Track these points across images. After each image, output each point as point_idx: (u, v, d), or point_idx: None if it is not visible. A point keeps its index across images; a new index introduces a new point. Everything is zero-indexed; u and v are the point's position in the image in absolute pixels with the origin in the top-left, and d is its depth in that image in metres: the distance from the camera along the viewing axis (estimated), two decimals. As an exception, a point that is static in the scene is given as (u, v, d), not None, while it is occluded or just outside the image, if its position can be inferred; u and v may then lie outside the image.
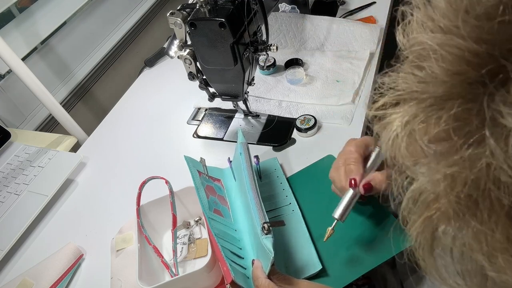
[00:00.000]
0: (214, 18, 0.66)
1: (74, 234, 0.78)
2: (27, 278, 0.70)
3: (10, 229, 0.78)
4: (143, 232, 0.65)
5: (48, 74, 1.22)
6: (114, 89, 1.38)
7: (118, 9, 1.43)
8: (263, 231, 0.54)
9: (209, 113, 0.94)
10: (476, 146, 0.21)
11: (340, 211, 0.56)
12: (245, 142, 0.70)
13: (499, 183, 0.20)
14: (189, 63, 0.75)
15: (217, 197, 0.67)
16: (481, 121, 0.21)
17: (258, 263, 0.54)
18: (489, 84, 0.20)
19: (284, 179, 0.73)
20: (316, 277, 0.59)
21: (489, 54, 0.20)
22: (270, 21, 1.01)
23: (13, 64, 0.91)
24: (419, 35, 0.24)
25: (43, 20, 1.19)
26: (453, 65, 0.22)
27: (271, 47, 0.74)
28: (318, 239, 0.62)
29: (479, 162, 0.21)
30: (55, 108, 1.01)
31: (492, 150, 0.20)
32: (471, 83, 0.21)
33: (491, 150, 0.20)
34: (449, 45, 0.22)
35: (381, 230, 0.61)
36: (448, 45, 0.22)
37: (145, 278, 0.59)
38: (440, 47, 0.22)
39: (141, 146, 0.93)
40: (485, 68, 0.20)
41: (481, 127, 0.21)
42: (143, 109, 1.03)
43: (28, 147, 0.96)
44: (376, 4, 1.09)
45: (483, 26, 0.20)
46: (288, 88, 0.93)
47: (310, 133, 0.81)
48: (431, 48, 0.22)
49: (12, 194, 0.85)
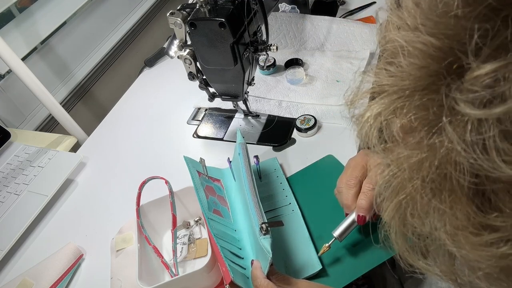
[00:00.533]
0: (214, 18, 0.66)
1: (74, 234, 0.78)
2: (27, 278, 0.70)
3: (10, 229, 0.78)
4: (143, 232, 0.65)
5: (48, 74, 1.22)
6: (114, 89, 1.38)
7: (118, 9, 1.43)
8: (261, 231, 0.54)
9: (209, 113, 0.94)
10: (438, 134, 0.23)
11: (340, 231, 0.57)
12: (244, 142, 0.70)
13: (457, 165, 0.22)
14: (189, 63, 0.75)
15: (217, 198, 0.67)
16: (441, 110, 0.23)
17: (257, 264, 0.54)
18: (448, 75, 0.22)
19: (284, 179, 0.73)
20: (316, 277, 0.59)
21: (449, 48, 0.22)
22: (270, 21, 1.01)
23: (13, 64, 0.91)
24: (391, 33, 0.25)
25: (43, 20, 1.19)
26: (419, 59, 0.23)
27: (271, 47, 0.74)
28: (318, 239, 0.62)
29: (441, 148, 0.23)
30: (55, 108, 1.01)
31: (450, 137, 0.22)
32: (433, 76, 0.23)
33: (449, 137, 0.22)
34: (415, 41, 0.23)
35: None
36: (414, 41, 0.23)
37: (145, 278, 0.59)
38: (408, 43, 0.24)
39: (141, 146, 0.93)
40: (445, 61, 0.22)
41: (441, 115, 0.22)
42: (143, 109, 1.03)
43: (28, 147, 0.96)
44: (376, 4, 1.09)
45: (443, 22, 0.22)
46: (288, 88, 0.93)
47: (310, 133, 0.81)
48: (400, 44, 0.24)
49: (12, 194, 0.85)
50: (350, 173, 0.58)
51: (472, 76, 0.20)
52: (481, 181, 0.22)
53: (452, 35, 0.22)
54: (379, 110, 0.26)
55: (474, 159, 0.21)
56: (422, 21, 0.23)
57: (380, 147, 0.28)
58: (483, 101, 0.20)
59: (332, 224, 0.58)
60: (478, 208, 0.23)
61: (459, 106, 0.21)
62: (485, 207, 0.23)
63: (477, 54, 0.21)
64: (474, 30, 0.20)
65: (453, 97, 0.22)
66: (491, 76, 0.20)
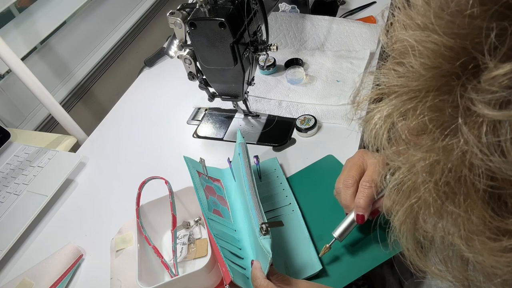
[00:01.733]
0: (214, 18, 0.66)
1: (74, 234, 0.78)
2: (27, 278, 0.70)
3: (9, 229, 0.78)
4: (142, 232, 0.65)
5: (47, 74, 1.22)
6: (113, 89, 1.38)
7: (118, 9, 1.43)
8: (261, 231, 0.54)
9: (209, 113, 0.94)
10: (452, 136, 0.22)
11: (340, 231, 0.57)
12: (244, 142, 0.70)
13: (473, 168, 0.21)
14: (189, 63, 0.75)
15: (217, 198, 0.67)
16: (455, 111, 0.22)
17: (257, 264, 0.54)
18: (462, 75, 0.22)
19: (284, 179, 0.73)
20: (316, 277, 0.59)
21: (462, 48, 0.21)
22: (270, 21, 1.01)
23: (13, 64, 0.91)
24: (400, 33, 0.25)
25: (42, 20, 1.19)
26: (430, 59, 0.23)
27: (271, 47, 0.74)
28: (318, 239, 0.62)
29: (455, 150, 0.22)
30: (54, 108, 1.01)
31: (466, 138, 0.21)
32: (446, 76, 0.22)
33: (465, 138, 0.21)
34: (426, 41, 0.23)
35: (380, 230, 0.61)
36: (425, 41, 0.23)
37: (144, 279, 0.59)
38: (418, 43, 0.23)
39: (141, 146, 0.93)
40: (458, 61, 0.22)
41: (456, 116, 0.22)
42: (142, 109, 1.03)
43: (27, 147, 0.96)
44: (376, 4, 1.09)
45: (455, 21, 0.21)
46: (288, 88, 0.93)
47: (310, 133, 0.81)
48: (410, 44, 0.23)
49: (12, 194, 0.85)
50: (347, 173, 0.58)
51: (490, 76, 0.20)
52: (497, 184, 0.21)
53: (465, 35, 0.21)
54: (389, 111, 0.25)
55: (490, 161, 0.20)
56: (433, 20, 0.22)
57: (390, 150, 0.27)
58: (502, 102, 0.20)
59: (332, 224, 0.58)
60: (495, 212, 0.22)
61: (476, 107, 0.20)
62: (502, 211, 0.22)
63: (493, 53, 0.20)
64: (490, 29, 0.20)
65: (469, 97, 0.21)
66: (510, 76, 0.19)
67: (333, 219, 0.60)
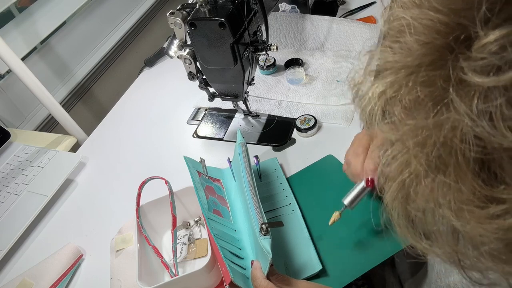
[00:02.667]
0: (214, 18, 0.66)
1: (74, 234, 0.78)
2: (27, 278, 0.70)
3: (9, 229, 0.78)
4: (142, 232, 0.65)
5: (47, 74, 1.22)
6: (114, 89, 1.38)
7: (118, 9, 1.43)
8: (261, 232, 0.54)
9: (209, 113, 0.94)
10: (444, 110, 0.23)
11: (350, 198, 0.56)
12: (244, 142, 0.70)
13: (463, 136, 0.22)
14: (189, 63, 0.75)
15: (217, 198, 0.67)
16: (447, 84, 0.22)
17: (257, 264, 0.54)
18: (456, 48, 0.22)
19: (284, 179, 0.73)
20: (316, 277, 0.59)
21: (456, 23, 0.22)
22: (270, 21, 1.01)
23: (13, 64, 0.91)
24: (396, 11, 0.25)
25: (42, 20, 1.19)
26: (425, 35, 0.23)
27: (271, 47, 0.74)
28: (318, 239, 0.62)
29: (447, 123, 0.22)
30: (54, 108, 1.01)
31: (457, 107, 0.21)
32: (440, 50, 0.23)
33: (456, 107, 0.22)
34: (421, 17, 0.23)
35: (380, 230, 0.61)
36: (420, 17, 0.23)
37: (144, 279, 0.59)
38: (414, 20, 0.23)
39: (141, 146, 0.93)
40: (452, 35, 0.22)
41: (447, 89, 0.22)
42: (143, 109, 1.03)
43: (27, 147, 0.96)
44: (376, 4, 1.09)
45: None
46: (288, 88, 0.93)
47: (310, 133, 0.81)
48: (406, 22, 0.24)
49: (12, 194, 0.85)
50: (357, 143, 0.58)
51: (480, 44, 0.20)
52: (487, 152, 0.22)
53: (459, 10, 0.22)
54: (383, 88, 0.25)
55: (480, 127, 0.21)
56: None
57: (384, 126, 0.27)
58: (491, 69, 0.20)
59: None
60: (484, 182, 0.23)
61: (467, 76, 0.21)
62: (491, 181, 0.22)
63: (485, 24, 0.21)
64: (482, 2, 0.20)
65: (460, 66, 0.21)
66: (499, 42, 0.20)
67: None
